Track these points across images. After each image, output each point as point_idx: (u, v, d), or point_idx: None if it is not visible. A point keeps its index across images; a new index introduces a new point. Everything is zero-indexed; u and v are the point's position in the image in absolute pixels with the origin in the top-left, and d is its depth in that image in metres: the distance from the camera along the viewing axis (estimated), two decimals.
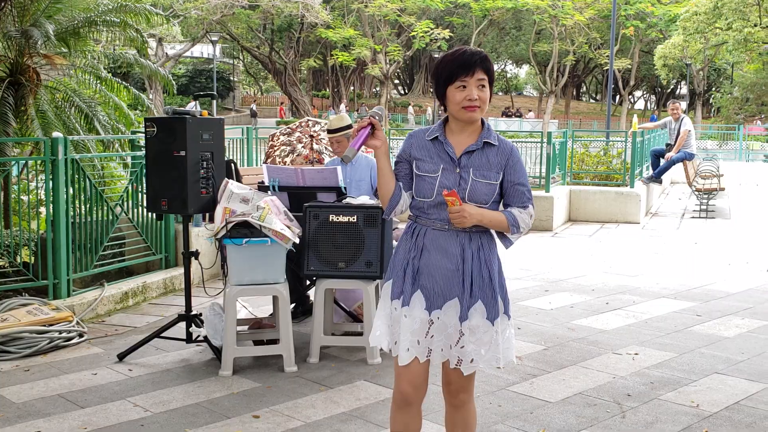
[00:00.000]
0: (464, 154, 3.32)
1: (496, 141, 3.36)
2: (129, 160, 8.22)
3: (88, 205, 7.10)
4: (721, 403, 4.95)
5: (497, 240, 3.45)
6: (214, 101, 7.06)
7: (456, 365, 3.34)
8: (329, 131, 6.75)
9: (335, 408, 4.83)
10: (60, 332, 6.05)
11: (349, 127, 6.72)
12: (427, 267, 3.33)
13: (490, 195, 3.31)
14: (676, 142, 14.57)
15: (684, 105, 16.23)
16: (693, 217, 14.32)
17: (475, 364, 3.34)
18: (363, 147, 3.27)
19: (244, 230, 5.33)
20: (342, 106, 51.09)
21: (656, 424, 4.60)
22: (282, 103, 53.71)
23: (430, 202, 3.31)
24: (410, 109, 57.45)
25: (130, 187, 7.63)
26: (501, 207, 3.40)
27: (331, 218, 5.53)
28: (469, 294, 3.31)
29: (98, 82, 9.58)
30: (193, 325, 5.82)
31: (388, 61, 46.91)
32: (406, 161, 3.38)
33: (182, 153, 5.51)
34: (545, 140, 13.10)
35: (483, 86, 3.27)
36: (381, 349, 5.68)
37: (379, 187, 3.39)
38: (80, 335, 6.20)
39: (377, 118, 3.31)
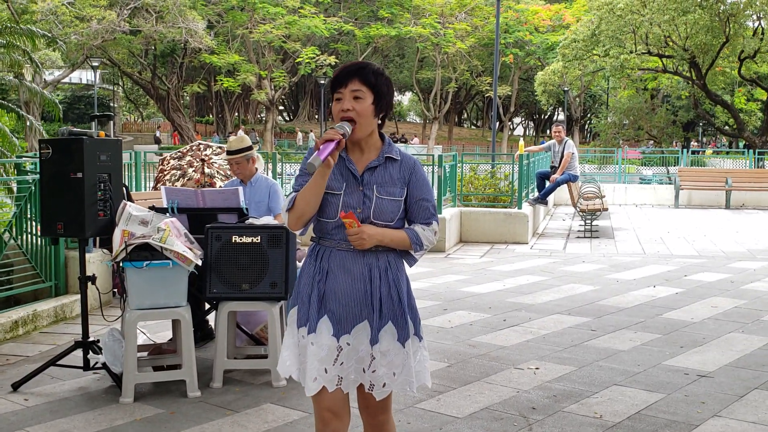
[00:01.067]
0: (366, 171, 3.21)
1: (398, 156, 3.26)
2: (15, 186, 7.93)
3: None
4: (623, 413, 5.09)
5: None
6: (111, 122, 6.89)
7: (369, 390, 3.24)
8: (229, 152, 6.67)
9: None
10: None
11: (249, 148, 6.67)
12: (333, 290, 3.21)
13: (395, 212, 3.21)
14: (560, 164, 15.03)
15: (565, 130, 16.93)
16: (578, 237, 14.76)
17: (387, 388, 3.24)
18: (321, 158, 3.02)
19: (145, 253, 5.20)
20: (240, 132, 50.59)
21: None
22: (175, 130, 52.61)
23: (334, 223, 3.19)
24: (299, 135, 57.50)
25: (18, 213, 7.34)
26: (406, 224, 3.30)
27: (234, 239, 5.46)
28: (379, 315, 3.20)
29: None
30: (90, 351, 5.62)
31: (273, 87, 46.83)
32: (309, 175, 3.15)
33: (79, 175, 5.34)
34: (436, 163, 13.29)
35: (358, 97, 3.13)
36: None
37: (305, 204, 3.15)
38: None
39: (345, 136, 3.11)
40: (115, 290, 7.70)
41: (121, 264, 5.24)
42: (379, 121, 3.26)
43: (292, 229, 3.24)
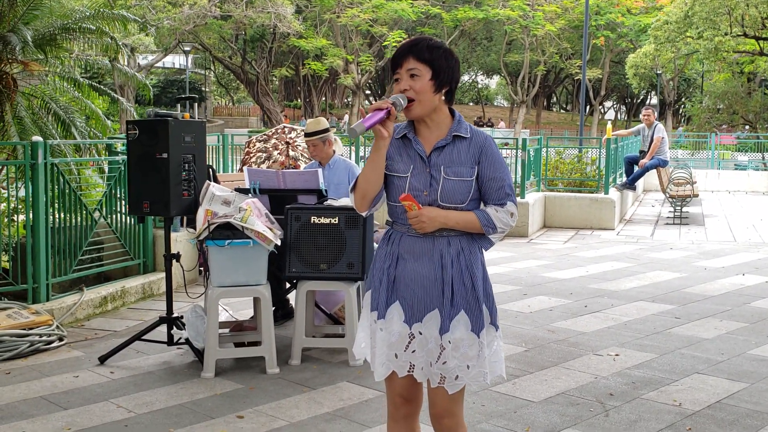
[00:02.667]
0: (434, 151, 3.06)
1: (467, 133, 3.08)
2: (106, 166, 8.18)
3: (67, 210, 7.05)
4: (704, 402, 4.99)
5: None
6: (196, 104, 7.05)
7: (439, 383, 3.08)
8: (306, 134, 6.76)
9: (319, 408, 4.82)
10: (40, 336, 6.00)
11: (326, 131, 6.74)
12: (402, 277, 3.09)
13: (465, 193, 3.05)
14: (649, 148, 14.72)
15: (656, 114, 16.57)
16: (667, 224, 14.45)
17: (460, 381, 3.06)
18: (372, 128, 2.93)
19: (227, 232, 5.32)
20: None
21: (640, 423, 4.64)
22: (284, 114, 53.04)
23: (402, 206, 3.06)
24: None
25: (108, 193, 7.59)
26: (481, 206, 3.14)
27: (312, 220, 5.54)
28: (450, 304, 3.05)
29: (74, 88, 9.53)
30: (174, 327, 5.79)
31: (360, 71, 47.00)
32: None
33: (164, 155, 5.50)
34: (520, 147, 13.18)
35: (415, 75, 2.99)
36: None
37: (366, 182, 3.05)
38: (60, 339, 6.16)
39: (397, 107, 2.98)
40: (201, 268, 7.91)
41: (204, 242, 5.38)
42: (443, 97, 3.08)
43: (358, 210, 3.14)
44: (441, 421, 3.17)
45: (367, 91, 71.49)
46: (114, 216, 7.68)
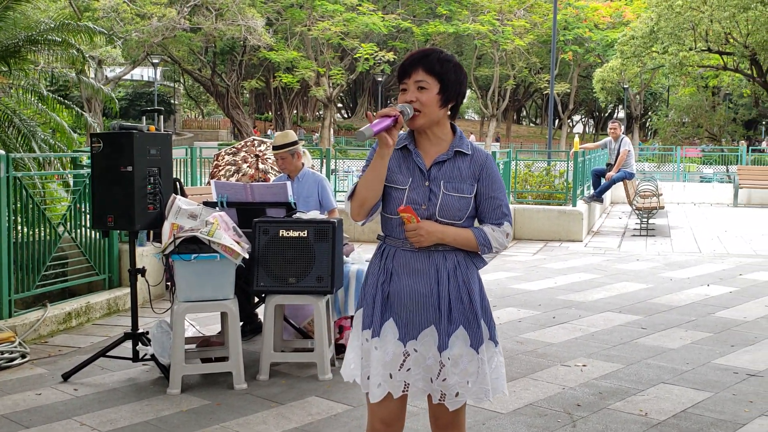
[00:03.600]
0: (434, 165, 3.02)
1: (469, 150, 3.05)
2: (71, 180, 8.10)
3: (30, 225, 6.95)
4: (669, 411, 5.02)
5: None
6: (161, 117, 7.00)
7: (440, 400, 3.03)
8: (274, 148, 6.74)
9: (287, 424, 4.79)
10: (2, 353, 5.90)
11: (295, 143, 6.73)
12: (397, 293, 3.03)
13: (463, 210, 3.01)
14: (616, 161, 14.84)
15: (623, 128, 16.78)
16: (634, 235, 14.56)
17: (461, 398, 3.02)
18: (377, 135, 2.87)
19: (193, 246, 5.27)
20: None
21: None
22: (255, 126, 52.81)
23: (398, 220, 3.01)
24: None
25: (72, 207, 7.51)
26: (476, 224, 3.10)
27: (281, 233, 5.51)
28: (448, 320, 2.99)
29: (39, 101, 9.45)
30: (139, 343, 5.72)
31: (331, 84, 47.03)
32: None
33: (129, 168, 5.45)
34: None
35: (423, 88, 2.95)
36: (333, 365, 5.70)
37: (366, 190, 2.99)
38: (23, 356, 6.06)
39: (405, 116, 2.95)
40: (167, 283, 7.84)
41: (170, 257, 5.33)
42: (449, 112, 3.05)
43: (354, 220, 3.05)
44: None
45: (339, 105, 71.56)
46: (79, 230, 7.59)
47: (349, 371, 3.14)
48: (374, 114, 2.91)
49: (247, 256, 5.39)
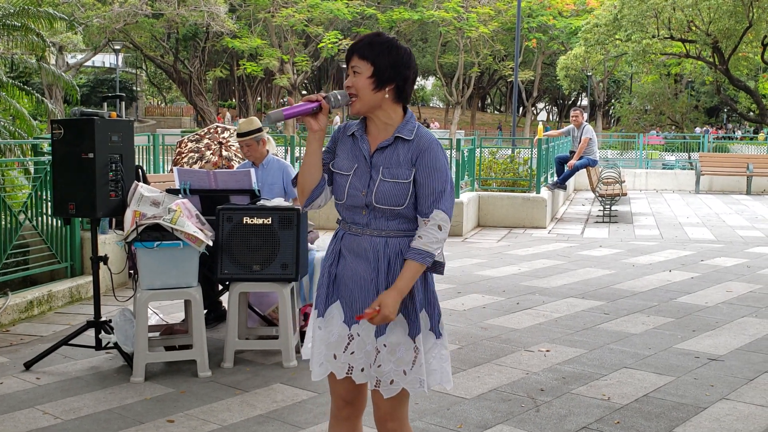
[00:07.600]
0: (377, 151, 2.99)
1: (410, 135, 2.98)
2: (31, 167, 7.99)
3: None
4: (631, 395, 5.09)
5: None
6: (123, 103, 6.92)
7: (375, 386, 3.01)
8: (239, 135, 6.69)
9: (251, 411, 4.78)
10: None
11: (259, 130, 6.68)
12: (343, 275, 3.03)
13: (401, 196, 2.94)
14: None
15: (586, 115, 16.83)
16: (597, 222, 14.69)
17: (395, 385, 2.98)
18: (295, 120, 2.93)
19: (156, 233, 5.24)
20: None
21: (570, 417, 4.70)
22: (218, 113, 52.25)
23: (342, 204, 3.02)
24: (336, 118, 57.42)
25: (33, 194, 7.41)
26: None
27: (245, 220, 5.49)
28: None
29: None
30: (102, 331, 5.67)
31: (295, 72, 46.78)
32: (332, 152, 3.07)
33: (90, 155, 5.38)
34: (454, 147, 13.25)
35: (356, 72, 2.93)
36: (297, 352, 5.70)
37: (301, 175, 3.03)
38: None
39: (331, 102, 2.95)
40: (130, 271, 7.79)
41: (132, 244, 5.29)
42: (388, 95, 2.97)
43: (300, 204, 3.06)
44: (385, 425, 3.10)
45: (304, 92, 71.18)
46: (40, 218, 7.50)
47: (307, 350, 3.16)
48: (295, 101, 2.92)
49: (210, 244, 5.36)
